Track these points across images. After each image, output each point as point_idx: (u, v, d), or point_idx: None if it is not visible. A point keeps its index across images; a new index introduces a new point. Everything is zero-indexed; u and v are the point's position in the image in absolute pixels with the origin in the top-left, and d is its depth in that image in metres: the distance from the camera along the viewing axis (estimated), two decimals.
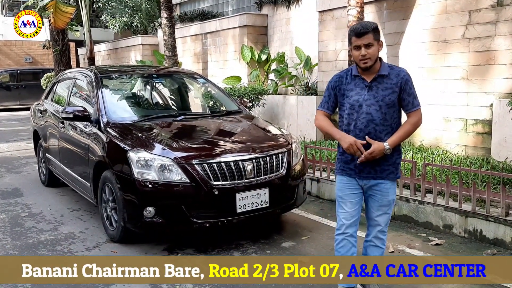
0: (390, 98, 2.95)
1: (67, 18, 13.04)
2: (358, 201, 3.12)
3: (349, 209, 3.10)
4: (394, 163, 3.05)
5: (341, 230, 3.13)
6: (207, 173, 4.08)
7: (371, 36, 2.90)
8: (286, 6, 11.03)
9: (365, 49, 2.90)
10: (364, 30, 2.90)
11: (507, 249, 4.14)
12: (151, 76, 6.19)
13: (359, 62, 2.95)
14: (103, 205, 4.63)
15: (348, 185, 3.10)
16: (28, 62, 26.07)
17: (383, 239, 3.17)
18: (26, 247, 4.43)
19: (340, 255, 3.15)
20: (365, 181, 3.06)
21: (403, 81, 2.97)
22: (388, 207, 3.11)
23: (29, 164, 8.41)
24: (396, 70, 3.03)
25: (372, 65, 2.95)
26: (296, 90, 10.19)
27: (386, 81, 2.98)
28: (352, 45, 2.96)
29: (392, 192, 3.09)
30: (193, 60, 13.62)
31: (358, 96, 2.99)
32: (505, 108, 5.43)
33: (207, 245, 4.38)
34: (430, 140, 6.99)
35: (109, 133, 4.61)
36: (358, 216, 3.14)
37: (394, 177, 3.05)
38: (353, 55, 2.97)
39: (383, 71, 3.00)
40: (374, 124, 2.95)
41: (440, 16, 6.81)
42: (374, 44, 2.92)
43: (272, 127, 5.21)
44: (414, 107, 2.98)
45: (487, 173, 4.68)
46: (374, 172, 3.02)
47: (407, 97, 2.97)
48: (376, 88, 2.97)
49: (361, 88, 3.00)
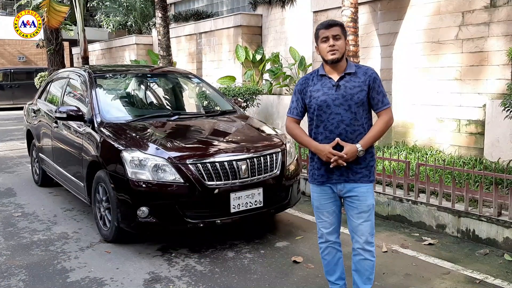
0: (359, 96, 2.86)
1: (61, 17, 12.99)
2: (335, 209, 3.03)
3: (326, 218, 3.04)
4: (368, 165, 2.93)
5: (323, 238, 3.10)
6: (201, 173, 4.07)
7: (339, 29, 2.86)
8: (280, 6, 11.04)
9: (333, 40, 2.84)
10: (333, 22, 2.89)
11: (499, 248, 4.16)
12: (146, 75, 6.18)
13: (326, 54, 2.86)
14: (97, 205, 4.61)
15: (323, 195, 3.02)
16: (21, 61, 25.95)
17: (371, 251, 2.98)
18: (19, 247, 4.41)
19: (326, 262, 3.14)
20: (339, 186, 2.94)
21: (371, 79, 2.89)
22: (368, 214, 2.94)
23: (22, 164, 8.37)
24: (363, 68, 2.95)
25: (340, 59, 2.86)
26: (290, 90, 10.21)
27: (354, 80, 2.89)
28: (320, 38, 2.88)
29: (370, 196, 2.94)
30: (188, 60, 13.61)
31: (326, 96, 2.89)
32: (498, 109, 5.46)
33: (201, 245, 4.38)
34: (424, 140, 7.02)
35: (103, 133, 4.60)
36: (337, 223, 3.08)
37: (368, 180, 2.93)
38: (320, 49, 2.90)
39: (349, 69, 2.91)
40: (345, 125, 2.86)
41: (433, 17, 6.84)
42: (342, 38, 2.87)
43: (266, 127, 5.22)
44: (384, 106, 2.90)
45: (480, 173, 4.71)
46: (346, 174, 2.90)
47: (376, 95, 2.89)
48: (344, 87, 2.88)
49: (328, 87, 2.90)
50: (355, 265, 3.04)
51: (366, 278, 3.02)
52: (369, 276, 3.02)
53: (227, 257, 4.11)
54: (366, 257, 2.97)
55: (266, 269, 3.85)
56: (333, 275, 3.15)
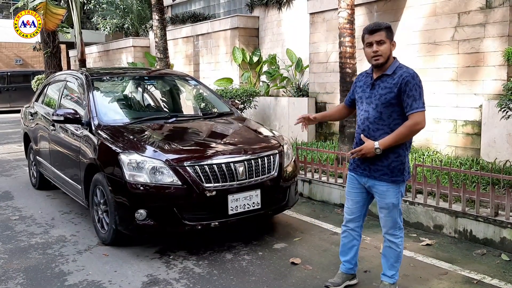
0: (386, 97, 2.96)
1: (58, 20, 12.96)
2: (360, 200, 3.25)
3: (350, 205, 3.31)
4: (389, 165, 3.00)
5: (344, 222, 3.39)
6: (198, 175, 4.07)
7: (383, 34, 2.96)
8: (277, 8, 11.06)
9: (377, 46, 2.95)
10: (377, 27, 2.97)
11: (496, 249, 4.18)
12: (143, 78, 6.18)
13: (370, 60, 3.01)
14: (95, 208, 4.61)
15: (351, 183, 3.27)
16: (18, 64, 25.91)
17: (394, 242, 3.17)
18: (16, 250, 4.40)
19: (342, 243, 3.43)
20: (363, 179, 3.15)
21: (403, 82, 2.93)
22: (387, 211, 3.09)
23: (19, 167, 8.35)
24: (402, 70, 3.00)
25: (384, 63, 2.99)
26: (287, 92, 10.22)
27: (388, 81, 2.99)
28: (365, 42, 3.02)
29: (390, 195, 3.05)
30: (185, 62, 13.61)
31: (363, 93, 3.12)
32: (494, 109, 5.48)
33: (199, 247, 4.38)
34: (421, 141, 7.04)
35: (100, 136, 4.60)
36: (359, 214, 3.30)
37: (389, 179, 3.02)
38: (365, 53, 3.03)
39: (388, 70, 3.02)
40: (369, 122, 3.03)
41: (429, 18, 6.87)
42: (386, 42, 2.96)
43: (264, 128, 5.22)
44: (412, 110, 2.91)
45: (477, 174, 4.73)
46: (368, 170, 3.09)
47: (406, 98, 2.93)
48: (377, 87, 3.03)
49: (367, 85, 3.11)
50: (383, 249, 3.28)
51: (391, 264, 3.24)
52: (394, 264, 3.23)
53: (225, 259, 4.12)
54: (390, 245, 3.20)
55: (264, 270, 3.86)
56: (345, 256, 3.44)
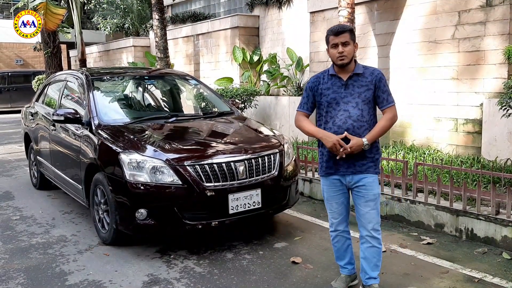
0: (366, 95, 3.11)
1: (58, 20, 12.97)
2: (343, 200, 3.29)
3: (335, 208, 3.32)
4: (373, 158, 3.17)
5: (332, 227, 3.39)
6: (199, 174, 4.07)
7: (348, 36, 3.09)
8: (277, 7, 11.05)
9: (342, 47, 3.07)
10: (342, 29, 3.11)
11: (497, 247, 4.17)
12: (143, 78, 6.18)
13: (336, 60, 3.11)
14: (95, 208, 4.61)
15: (331, 187, 3.27)
16: (19, 64, 25.91)
17: (378, 238, 3.21)
18: (17, 250, 4.40)
19: (336, 248, 3.42)
20: (348, 178, 3.18)
21: (377, 79, 3.13)
22: (374, 202, 3.18)
23: (20, 167, 8.36)
24: (370, 69, 3.20)
25: (349, 62, 3.11)
26: (288, 91, 10.21)
27: (361, 79, 3.14)
28: (330, 43, 3.13)
29: (376, 186, 3.18)
30: (185, 62, 13.61)
31: (335, 94, 3.15)
32: (495, 108, 5.48)
33: (200, 246, 4.38)
34: (421, 140, 7.04)
35: (100, 135, 4.59)
36: (345, 213, 3.33)
37: (374, 171, 3.17)
38: (330, 53, 3.14)
39: (357, 70, 3.16)
40: (352, 121, 3.09)
41: (430, 17, 6.86)
42: (350, 43, 3.10)
43: (264, 128, 5.22)
44: (388, 103, 3.14)
45: (478, 172, 4.72)
46: (354, 166, 3.14)
47: (381, 94, 3.13)
48: (352, 86, 3.13)
49: (338, 86, 3.16)
50: (363, 252, 3.26)
51: (374, 265, 3.23)
52: (377, 263, 3.24)
53: (226, 258, 4.11)
54: (373, 244, 3.20)
55: (265, 270, 3.85)
56: (342, 260, 3.44)
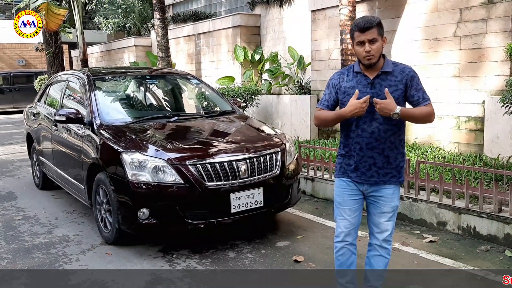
0: (394, 95, 2.75)
1: (60, 20, 12.98)
2: (358, 207, 2.93)
3: (348, 216, 2.92)
4: (398, 166, 2.86)
5: (340, 237, 2.97)
6: (201, 173, 4.08)
7: (375, 31, 2.72)
8: (278, 6, 11.04)
9: (369, 44, 2.71)
10: (368, 24, 2.71)
11: (500, 245, 4.17)
12: (145, 77, 6.18)
13: (362, 59, 2.77)
14: (98, 207, 4.62)
15: (347, 191, 2.92)
16: (21, 64, 25.96)
17: (388, 248, 2.93)
18: (20, 250, 4.41)
19: (339, 262, 3.01)
20: (366, 185, 2.87)
21: (408, 78, 2.80)
22: (391, 214, 2.88)
23: (23, 167, 8.38)
24: (400, 67, 2.85)
25: (376, 61, 2.77)
26: (289, 90, 10.20)
27: (390, 78, 2.80)
28: (355, 40, 2.76)
29: (396, 197, 2.89)
30: (187, 61, 13.61)
31: (360, 93, 2.78)
32: (497, 105, 5.46)
33: (202, 245, 4.39)
34: (423, 138, 7.03)
35: (102, 135, 4.60)
36: (358, 224, 2.96)
37: (397, 181, 2.87)
38: (356, 51, 2.80)
39: (386, 67, 2.81)
40: (378, 123, 2.78)
41: (431, 14, 6.84)
42: (378, 39, 2.74)
43: (266, 127, 5.22)
44: (425, 101, 2.79)
45: (480, 170, 4.71)
46: (377, 175, 2.83)
47: (415, 92, 2.80)
48: (379, 86, 2.79)
49: (363, 85, 2.81)
50: (369, 259, 2.99)
51: (379, 275, 2.98)
52: (382, 273, 2.98)
53: (228, 257, 4.12)
54: (382, 254, 2.93)
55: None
56: (344, 277, 3.03)
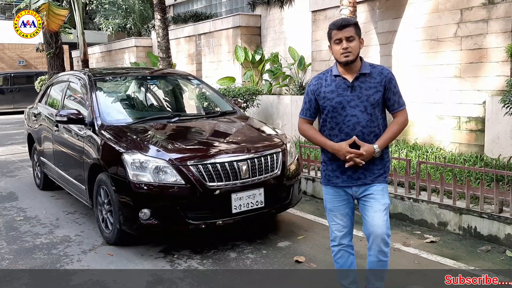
0: (375, 97, 2.79)
1: (60, 20, 13.00)
2: (349, 211, 2.98)
3: (340, 220, 2.98)
4: (384, 165, 2.90)
5: (335, 241, 3.02)
6: (202, 174, 4.08)
7: (353, 30, 2.76)
8: (279, 6, 11.05)
9: (347, 42, 2.74)
10: (346, 22, 2.78)
11: (501, 245, 4.17)
12: (145, 78, 6.19)
13: (339, 57, 2.77)
14: (99, 208, 4.62)
15: (336, 197, 2.96)
16: (21, 65, 25.97)
17: (386, 251, 2.89)
18: (21, 251, 4.42)
19: (339, 265, 3.06)
20: (354, 188, 2.89)
21: (387, 80, 2.82)
22: (384, 212, 2.86)
23: (23, 168, 8.38)
24: (378, 68, 2.87)
25: (354, 60, 2.77)
26: (290, 90, 10.21)
27: (369, 80, 2.81)
28: (333, 39, 2.79)
29: (386, 195, 2.90)
30: (187, 61, 13.62)
31: (341, 97, 2.81)
32: (498, 106, 5.46)
33: (203, 246, 4.39)
34: (424, 138, 7.03)
35: (103, 136, 4.61)
36: (350, 226, 3.02)
37: (384, 179, 2.90)
38: (333, 50, 2.81)
39: (364, 69, 2.83)
40: (361, 127, 2.80)
41: (432, 15, 6.85)
42: (356, 38, 2.77)
43: (267, 127, 5.22)
44: (400, 107, 2.86)
45: (481, 170, 4.71)
46: (364, 177, 2.86)
47: (392, 96, 2.84)
48: (359, 88, 2.80)
49: (343, 89, 2.82)
50: (369, 264, 2.99)
51: (380, 276, 2.98)
52: (383, 274, 2.98)
53: (229, 257, 4.12)
54: (380, 258, 2.91)
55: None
56: (346, 279, 3.07)
